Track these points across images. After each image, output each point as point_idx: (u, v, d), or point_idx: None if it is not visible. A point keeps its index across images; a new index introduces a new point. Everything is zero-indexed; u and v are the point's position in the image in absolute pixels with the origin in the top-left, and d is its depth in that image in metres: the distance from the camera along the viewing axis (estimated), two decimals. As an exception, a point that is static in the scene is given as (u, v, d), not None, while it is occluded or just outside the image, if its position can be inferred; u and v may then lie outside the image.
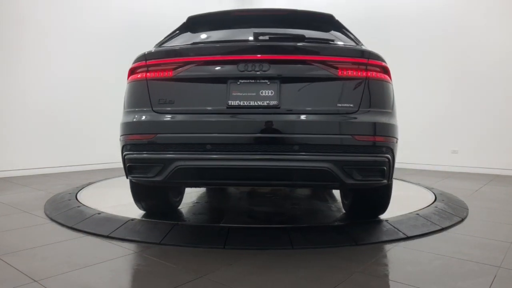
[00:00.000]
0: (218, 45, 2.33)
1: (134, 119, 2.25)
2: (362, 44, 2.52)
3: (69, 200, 3.33)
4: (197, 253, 2.17)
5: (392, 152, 2.19)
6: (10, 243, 2.34)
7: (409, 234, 2.50)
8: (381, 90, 2.21)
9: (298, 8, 2.76)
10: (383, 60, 2.28)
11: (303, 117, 2.09)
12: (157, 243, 2.31)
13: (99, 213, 2.86)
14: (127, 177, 2.34)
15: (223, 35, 2.62)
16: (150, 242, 2.33)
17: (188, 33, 2.68)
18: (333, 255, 2.16)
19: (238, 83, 2.13)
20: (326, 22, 2.70)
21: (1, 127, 5.15)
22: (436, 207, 3.15)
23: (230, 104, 2.11)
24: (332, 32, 2.62)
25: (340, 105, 2.10)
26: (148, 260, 2.05)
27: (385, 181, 2.19)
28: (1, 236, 2.48)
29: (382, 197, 2.64)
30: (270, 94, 2.10)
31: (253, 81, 2.12)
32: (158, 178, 2.15)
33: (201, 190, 3.99)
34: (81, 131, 5.98)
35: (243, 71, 2.12)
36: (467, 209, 3.35)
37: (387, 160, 2.13)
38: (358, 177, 2.07)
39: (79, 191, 3.77)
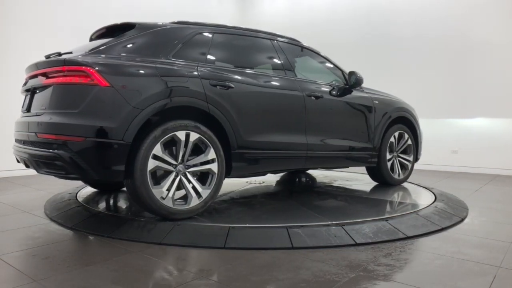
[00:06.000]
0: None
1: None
2: (108, 49, 2.63)
3: (69, 200, 3.32)
4: (197, 253, 2.17)
5: (71, 150, 2.30)
6: (10, 243, 2.35)
7: (409, 234, 2.51)
8: (68, 92, 2.43)
9: (117, 23, 3.00)
10: (82, 65, 2.41)
11: (32, 118, 2.60)
12: (157, 243, 2.31)
13: (99, 213, 2.86)
14: None
15: None
16: (150, 241, 2.33)
17: None
18: (333, 254, 2.16)
19: (28, 94, 2.86)
20: (127, 29, 2.85)
21: (1, 127, 5.15)
22: (436, 207, 3.15)
23: (23, 109, 2.89)
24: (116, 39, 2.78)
25: (42, 107, 2.53)
26: (148, 260, 2.05)
27: (75, 175, 2.43)
28: (1, 236, 2.49)
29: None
30: (29, 101, 2.78)
31: (29, 92, 2.83)
32: None
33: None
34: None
35: (23, 85, 2.93)
36: (467, 209, 3.35)
37: (57, 156, 2.31)
38: (44, 168, 2.50)
39: (79, 191, 3.76)
